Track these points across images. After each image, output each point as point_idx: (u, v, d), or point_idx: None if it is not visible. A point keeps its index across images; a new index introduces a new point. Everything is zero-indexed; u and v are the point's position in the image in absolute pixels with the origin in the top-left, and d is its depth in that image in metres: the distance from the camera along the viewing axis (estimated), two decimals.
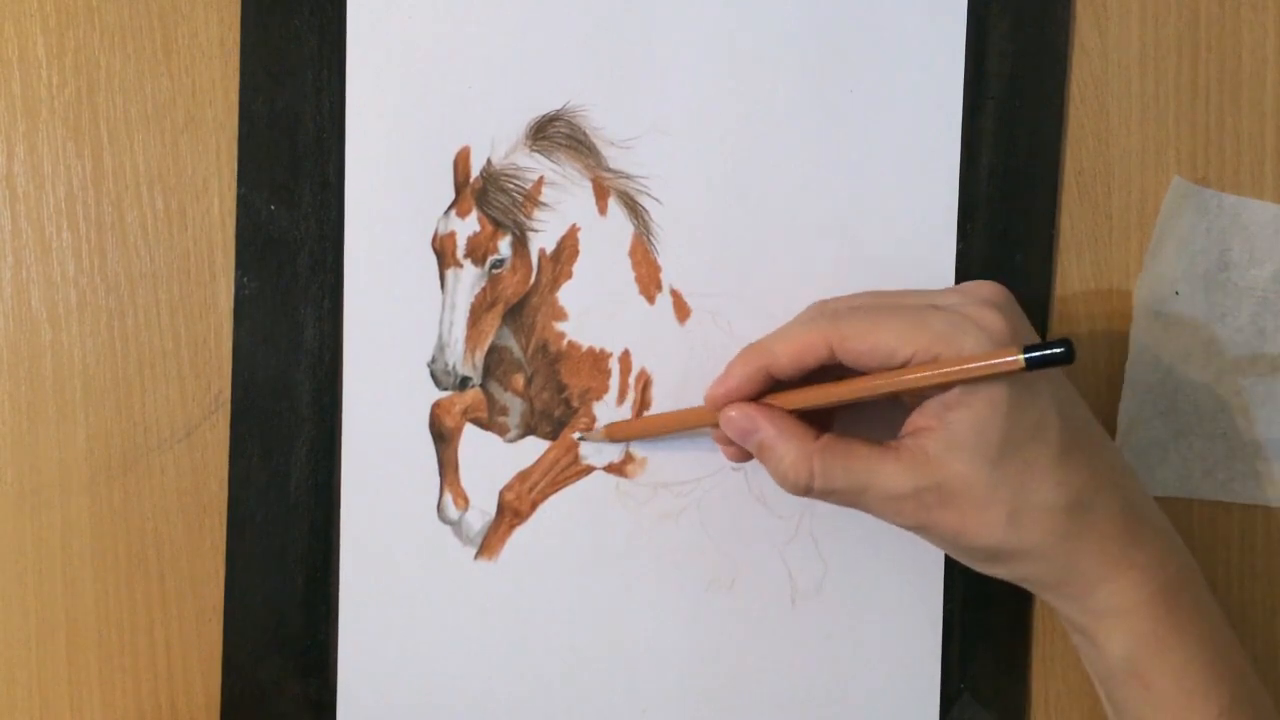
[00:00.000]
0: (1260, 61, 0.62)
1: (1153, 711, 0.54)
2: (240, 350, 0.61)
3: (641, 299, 0.62)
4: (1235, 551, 0.64)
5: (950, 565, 0.63)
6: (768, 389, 0.56)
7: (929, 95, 0.61)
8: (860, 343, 0.53)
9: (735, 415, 0.56)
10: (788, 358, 0.55)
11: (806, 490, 0.54)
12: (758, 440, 0.55)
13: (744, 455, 0.58)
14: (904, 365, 0.52)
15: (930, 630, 0.63)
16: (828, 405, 0.56)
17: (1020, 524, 0.52)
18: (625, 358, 0.62)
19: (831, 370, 0.55)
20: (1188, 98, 0.62)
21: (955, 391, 0.52)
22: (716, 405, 0.57)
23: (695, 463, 0.62)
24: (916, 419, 0.54)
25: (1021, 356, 0.49)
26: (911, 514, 0.53)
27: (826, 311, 0.56)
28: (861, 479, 0.53)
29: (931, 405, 0.53)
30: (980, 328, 0.51)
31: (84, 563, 0.62)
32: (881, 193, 0.62)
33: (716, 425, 0.57)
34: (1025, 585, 0.56)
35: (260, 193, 0.61)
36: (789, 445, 0.54)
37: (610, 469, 0.62)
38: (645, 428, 0.62)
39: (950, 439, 0.52)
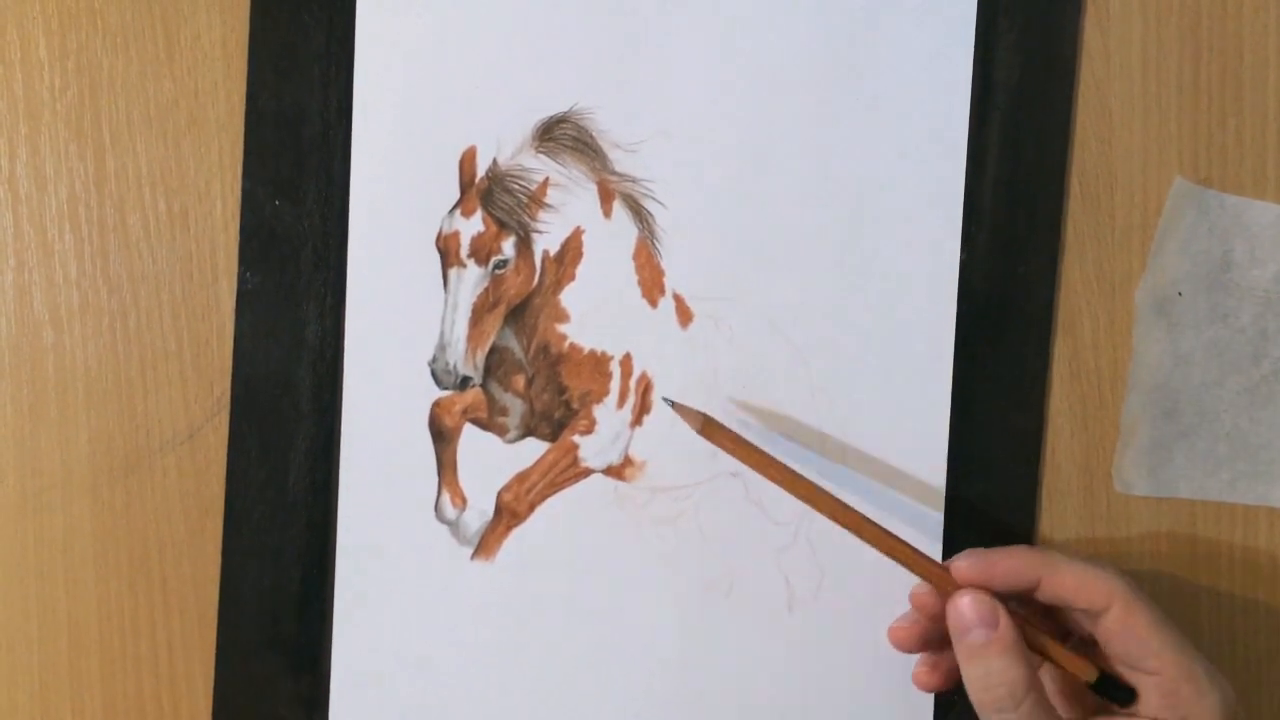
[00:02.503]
0: (1262, 62, 0.62)
1: None
2: (241, 345, 0.61)
3: (644, 302, 0.62)
4: (1238, 552, 0.63)
5: None
6: (1008, 596, 0.56)
7: (936, 104, 0.61)
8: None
9: (985, 603, 0.55)
10: (1071, 591, 0.54)
11: (1011, 708, 0.53)
12: (988, 636, 0.54)
13: (921, 639, 0.57)
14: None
15: None
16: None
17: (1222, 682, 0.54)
18: (627, 361, 0.62)
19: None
20: (1190, 98, 0.62)
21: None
22: (966, 579, 0.56)
23: (694, 467, 0.62)
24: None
25: (1092, 681, 0.55)
26: None
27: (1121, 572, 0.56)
28: None
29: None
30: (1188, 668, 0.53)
31: (86, 564, 0.62)
32: (886, 201, 0.61)
33: (934, 583, 0.56)
34: None
35: (265, 188, 0.61)
36: (1023, 665, 0.53)
37: (609, 472, 0.62)
38: (841, 515, 0.59)
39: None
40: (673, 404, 0.60)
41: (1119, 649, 0.54)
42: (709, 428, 0.59)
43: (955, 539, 0.62)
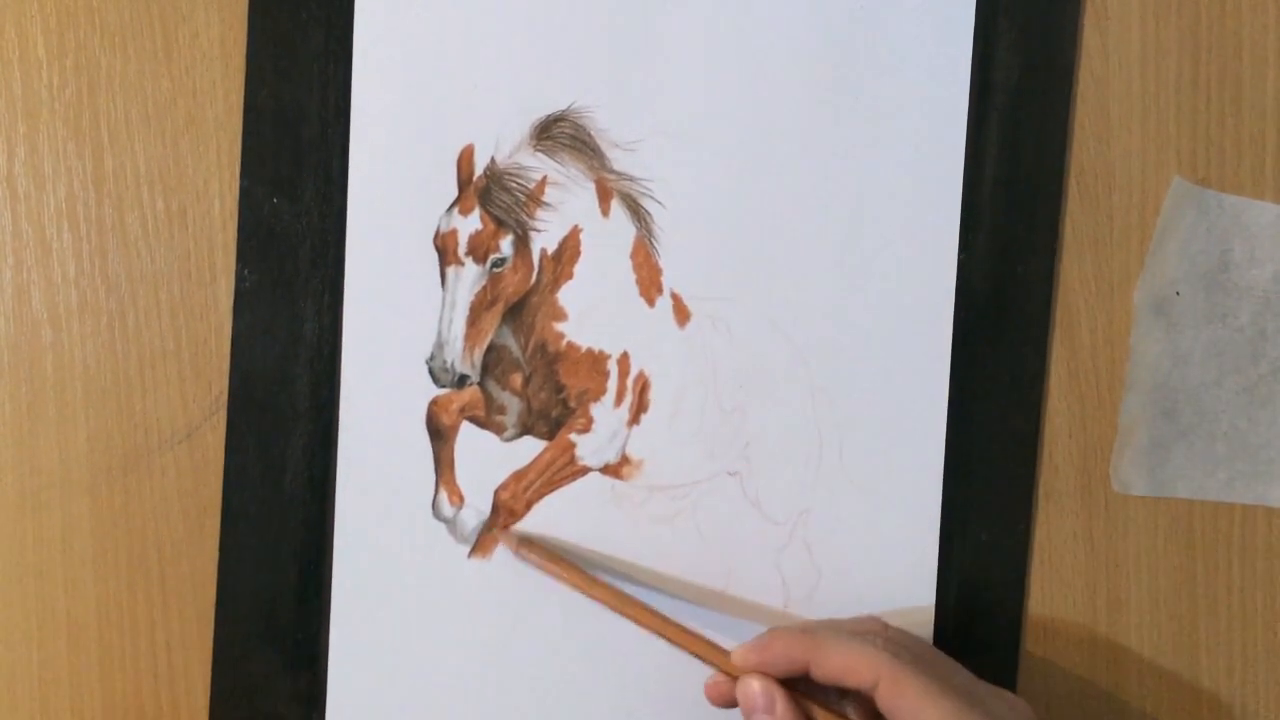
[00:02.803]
0: (1261, 62, 0.62)
1: None
2: (239, 343, 0.61)
3: (642, 301, 0.62)
4: (1236, 552, 0.63)
5: (943, 575, 0.62)
6: (791, 678, 0.57)
7: (934, 104, 0.61)
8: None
9: (759, 689, 0.57)
10: (838, 671, 0.55)
11: None
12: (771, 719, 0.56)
13: (728, 704, 0.59)
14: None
15: (923, 639, 0.63)
16: None
17: None
18: (624, 360, 0.62)
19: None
20: (1189, 98, 0.62)
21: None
22: (744, 667, 0.57)
23: (691, 467, 0.62)
24: None
25: None
26: None
27: (891, 641, 0.57)
28: None
29: None
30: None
31: (84, 564, 0.62)
32: (884, 201, 0.61)
33: (722, 670, 0.58)
34: None
35: (263, 186, 0.61)
36: None
37: (606, 470, 0.62)
38: (630, 612, 0.61)
39: None
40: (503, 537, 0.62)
41: None
42: (523, 548, 0.61)
43: (953, 539, 0.62)
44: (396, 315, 0.61)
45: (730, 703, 0.58)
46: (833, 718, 0.57)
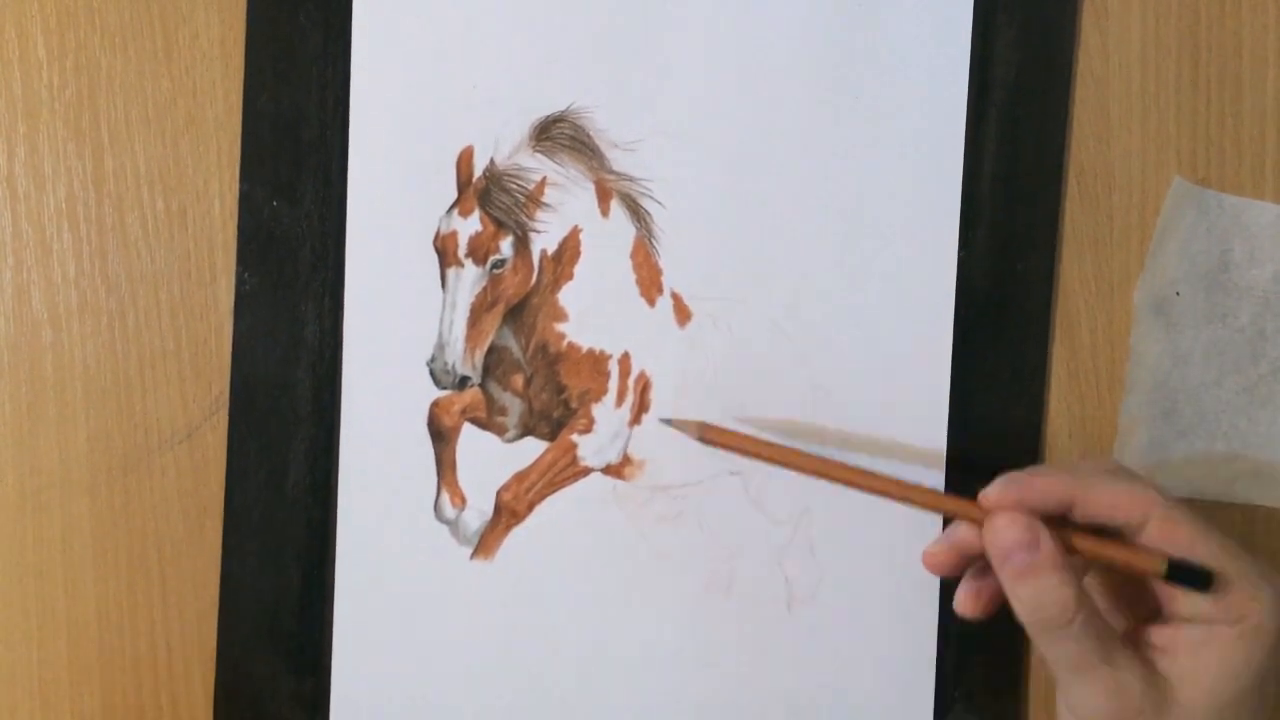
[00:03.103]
0: (1261, 62, 0.62)
1: None
2: (240, 346, 0.61)
3: (642, 301, 0.62)
4: None
5: None
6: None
7: (934, 104, 0.61)
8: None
9: (1023, 524, 0.52)
10: (1106, 509, 0.52)
11: (1049, 633, 0.51)
12: (1029, 561, 0.51)
13: (955, 566, 0.55)
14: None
15: (926, 639, 0.63)
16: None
17: None
18: (625, 360, 0.62)
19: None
20: (1189, 98, 0.62)
21: (1218, 628, 0.51)
22: (999, 504, 0.53)
23: (693, 466, 0.62)
24: (1171, 634, 0.52)
25: (1163, 572, 0.52)
26: (1114, 709, 0.51)
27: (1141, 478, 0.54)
28: (1100, 652, 0.51)
29: (1193, 631, 0.51)
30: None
31: (85, 564, 0.62)
32: (884, 200, 0.61)
33: (966, 518, 0.54)
34: None
35: (263, 189, 0.61)
36: (1070, 581, 0.51)
37: (608, 471, 0.62)
38: (820, 468, 0.57)
39: (1195, 668, 0.51)
40: (670, 422, 0.60)
41: None
42: (709, 433, 0.58)
43: None
44: (397, 317, 0.61)
45: (956, 568, 0.55)
46: (1107, 545, 0.53)
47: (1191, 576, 0.51)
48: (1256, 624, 0.50)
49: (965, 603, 0.56)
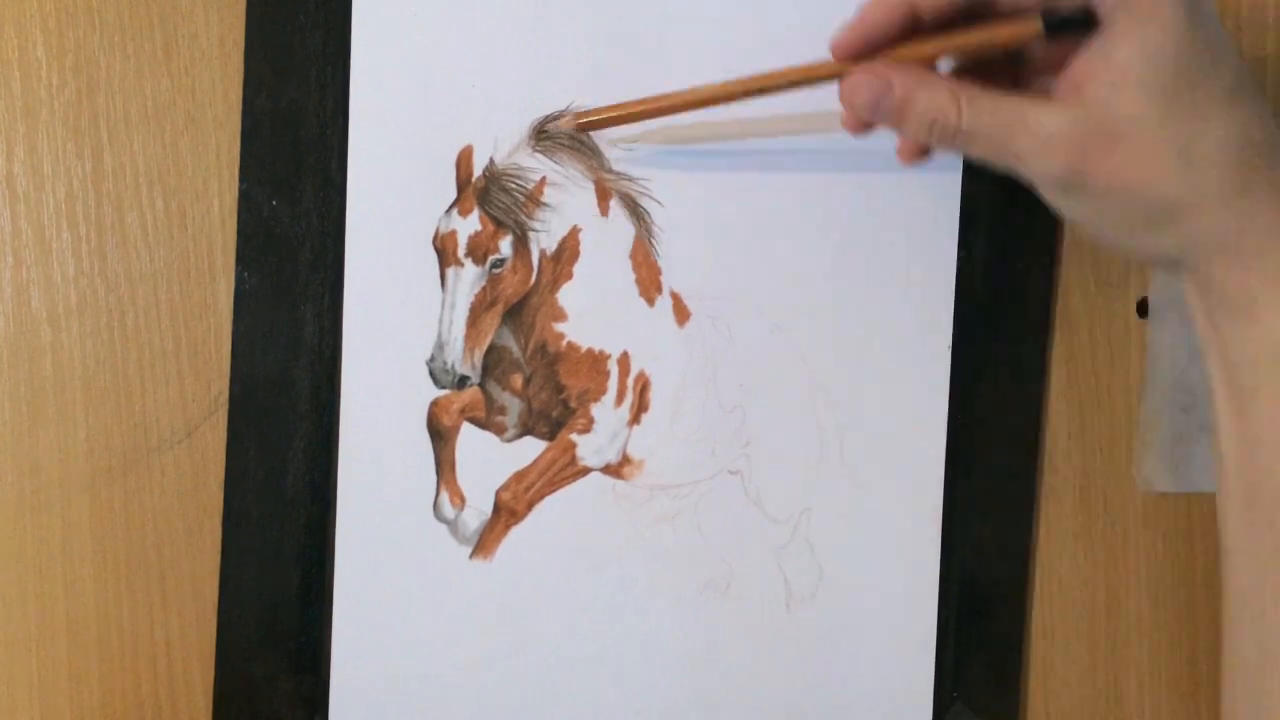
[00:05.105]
0: (1260, 62, 0.62)
1: None
2: (239, 345, 0.61)
3: (641, 301, 0.62)
4: None
5: (944, 574, 0.63)
6: (901, 35, 0.51)
7: None
8: None
9: (865, 81, 0.50)
10: None
11: (954, 132, 0.49)
12: (893, 100, 0.50)
13: (864, 126, 0.53)
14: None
15: (924, 638, 0.63)
16: (951, 53, 0.51)
17: (1194, 167, 0.47)
18: (624, 359, 0.62)
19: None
20: None
21: (1122, 24, 0.47)
22: (845, 54, 0.52)
23: (693, 466, 0.62)
24: (1075, 69, 0.48)
25: (1039, 30, 0.49)
26: (1067, 159, 0.48)
27: None
28: (1012, 114, 0.48)
29: (1094, 49, 0.48)
30: None
31: (84, 563, 0.62)
32: (883, 199, 0.61)
33: (834, 77, 0.52)
34: (1183, 257, 0.50)
35: (262, 188, 0.61)
36: (934, 89, 0.49)
37: (607, 470, 0.62)
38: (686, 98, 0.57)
39: (1115, 76, 0.47)
40: (555, 128, 0.60)
41: None
42: (582, 119, 0.60)
43: (953, 539, 0.62)
44: (396, 317, 0.61)
45: (916, 154, 0.54)
46: (971, 33, 0.51)
47: (1069, 22, 0.49)
48: (1150, 11, 0.47)
49: (903, 154, 0.57)
